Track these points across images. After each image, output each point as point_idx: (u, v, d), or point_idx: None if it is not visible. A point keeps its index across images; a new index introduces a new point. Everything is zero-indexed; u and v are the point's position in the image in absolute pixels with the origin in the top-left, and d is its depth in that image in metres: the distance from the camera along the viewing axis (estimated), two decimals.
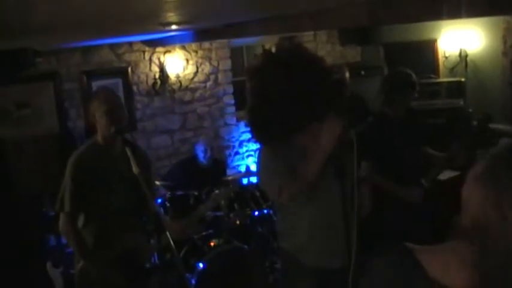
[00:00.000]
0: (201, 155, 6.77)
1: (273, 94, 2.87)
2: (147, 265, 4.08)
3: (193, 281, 4.96)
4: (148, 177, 4.10)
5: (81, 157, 3.87)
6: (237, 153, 8.93)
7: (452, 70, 7.66)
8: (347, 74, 7.00)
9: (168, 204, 5.80)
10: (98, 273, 3.80)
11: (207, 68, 8.52)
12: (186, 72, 8.32)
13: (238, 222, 5.88)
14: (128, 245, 3.90)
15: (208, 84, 8.57)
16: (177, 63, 8.19)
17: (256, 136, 3.07)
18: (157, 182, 6.01)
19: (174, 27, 4.92)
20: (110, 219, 3.87)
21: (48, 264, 4.97)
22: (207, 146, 6.82)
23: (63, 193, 3.82)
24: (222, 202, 5.84)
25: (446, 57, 7.77)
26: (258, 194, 6.22)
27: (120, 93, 7.81)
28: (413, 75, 4.64)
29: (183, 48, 8.25)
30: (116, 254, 3.82)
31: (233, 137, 8.86)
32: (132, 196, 3.88)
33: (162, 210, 5.66)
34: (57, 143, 7.01)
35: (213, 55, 8.55)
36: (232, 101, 8.82)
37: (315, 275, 3.09)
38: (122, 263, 3.81)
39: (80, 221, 3.89)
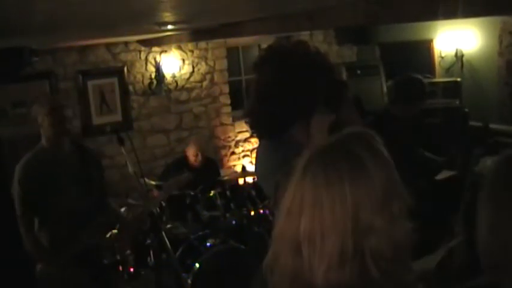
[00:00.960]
0: (192, 159, 6.78)
1: (270, 88, 2.88)
2: (106, 261, 4.08)
3: (189, 281, 4.95)
4: (102, 176, 4.16)
5: (27, 163, 3.89)
6: (233, 153, 8.92)
7: (448, 70, 7.67)
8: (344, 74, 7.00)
9: (164, 204, 5.79)
10: (57, 273, 3.81)
11: (203, 67, 8.51)
12: (182, 72, 8.32)
13: (234, 222, 5.88)
14: (84, 243, 3.91)
15: (204, 84, 8.56)
16: (173, 63, 8.18)
17: (254, 130, 3.09)
18: (152, 182, 6.01)
19: (170, 26, 4.91)
20: (63, 219, 3.88)
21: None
22: (197, 151, 6.82)
23: (13, 198, 3.84)
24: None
25: (442, 57, 7.77)
26: (254, 193, 6.22)
27: (116, 93, 7.83)
28: (424, 82, 4.68)
29: (179, 48, 8.25)
30: (73, 253, 3.83)
31: (229, 137, 8.86)
32: (83, 195, 3.91)
33: (158, 209, 5.65)
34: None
35: (209, 55, 8.55)
36: (228, 101, 8.81)
37: None
38: (80, 261, 3.83)
39: (36, 225, 3.91)
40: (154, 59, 8.09)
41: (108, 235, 4.15)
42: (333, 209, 1.30)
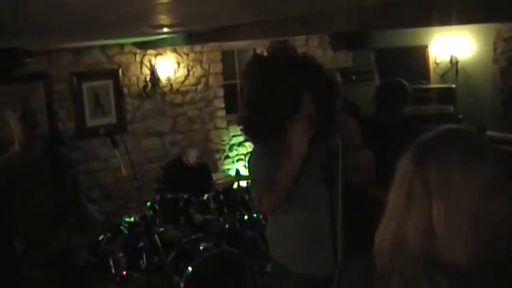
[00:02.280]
0: (193, 160, 6.78)
1: (258, 95, 2.89)
2: (79, 263, 4.07)
3: (182, 285, 4.94)
4: (75, 177, 4.16)
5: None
6: (227, 156, 8.91)
7: (443, 76, 7.69)
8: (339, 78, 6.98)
9: (157, 207, 5.78)
10: (30, 275, 3.83)
11: (198, 71, 8.51)
12: (177, 75, 8.31)
13: (227, 226, 5.87)
14: (57, 245, 3.91)
15: (199, 87, 8.55)
16: (168, 66, 8.17)
17: (248, 136, 3.10)
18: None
19: (165, 29, 4.91)
20: (35, 222, 3.89)
21: None
22: (200, 153, 6.86)
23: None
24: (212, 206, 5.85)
25: (437, 64, 7.79)
26: (247, 197, 6.21)
27: (111, 95, 7.81)
28: (407, 85, 4.65)
29: (175, 51, 8.24)
30: (46, 254, 3.84)
31: (223, 141, 8.85)
32: (56, 198, 3.92)
33: (151, 213, 5.64)
34: (47, 144, 6.97)
35: (204, 58, 8.54)
36: (223, 105, 8.81)
37: (303, 282, 3.09)
38: (53, 262, 3.84)
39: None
40: (150, 61, 8.08)
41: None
42: (467, 190, 1.37)
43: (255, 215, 5.99)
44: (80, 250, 4.12)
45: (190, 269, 5.00)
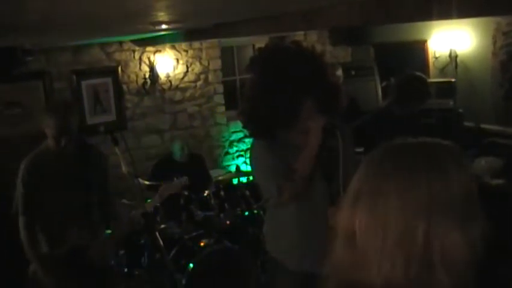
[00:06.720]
0: (178, 153, 6.78)
1: (260, 90, 2.89)
2: (100, 263, 4.06)
3: (183, 281, 4.95)
4: (104, 177, 4.17)
5: (30, 162, 3.92)
6: (227, 153, 8.92)
7: (442, 70, 7.68)
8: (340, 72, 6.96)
9: (157, 204, 5.77)
10: (49, 273, 3.83)
11: (197, 67, 8.50)
12: (176, 71, 8.30)
13: (228, 222, 5.87)
14: (77, 242, 3.91)
15: (199, 83, 8.55)
16: (167, 63, 8.17)
17: (247, 129, 3.09)
18: (146, 182, 6.00)
19: (164, 26, 4.90)
20: (59, 220, 3.89)
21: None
22: (183, 144, 6.85)
23: (17, 197, 3.86)
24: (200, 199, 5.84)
25: (436, 58, 7.78)
26: (248, 193, 6.21)
27: (110, 93, 7.81)
28: (427, 80, 4.68)
29: (173, 47, 8.23)
30: (61, 252, 3.84)
31: (223, 137, 8.85)
32: (83, 197, 3.90)
33: (152, 210, 5.63)
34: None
35: (203, 55, 8.54)
36: (223, 101, 8.80)
37: (298, 279, 3.09)
38: (71, 261, 3.84)
39: (37, 226, 3.93)
40: (148, 58, 8.08)
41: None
42: (400, 204, 1.22)
43: (256, 211, 6.00)
44: (104, 250, 4.09)
45: (191, 265, 5.01)
